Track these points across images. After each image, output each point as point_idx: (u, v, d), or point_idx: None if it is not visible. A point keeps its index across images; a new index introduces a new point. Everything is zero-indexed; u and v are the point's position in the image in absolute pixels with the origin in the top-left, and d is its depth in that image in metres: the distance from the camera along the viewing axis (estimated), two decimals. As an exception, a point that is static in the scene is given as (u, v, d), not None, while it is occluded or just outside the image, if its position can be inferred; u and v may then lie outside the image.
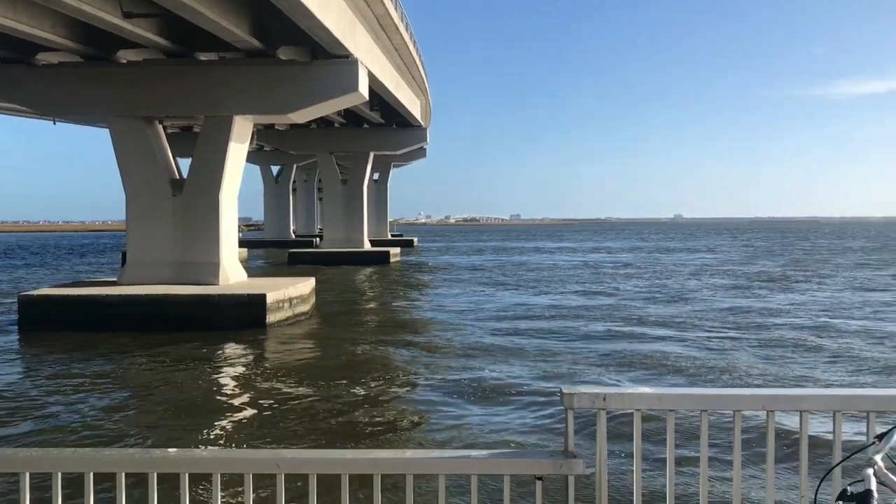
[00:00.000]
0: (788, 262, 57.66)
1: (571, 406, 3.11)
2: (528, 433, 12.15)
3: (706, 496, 3.19)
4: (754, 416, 3.43)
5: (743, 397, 3.19)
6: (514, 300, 31.99)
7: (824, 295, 33.42)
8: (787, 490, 4.85)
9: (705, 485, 3.18)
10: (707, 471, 3.18)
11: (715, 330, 23.22)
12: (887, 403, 3.04)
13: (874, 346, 20.10)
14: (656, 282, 40.95)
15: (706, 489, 3.19)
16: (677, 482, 3.36)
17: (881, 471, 2.39)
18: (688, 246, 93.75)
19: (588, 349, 19.86)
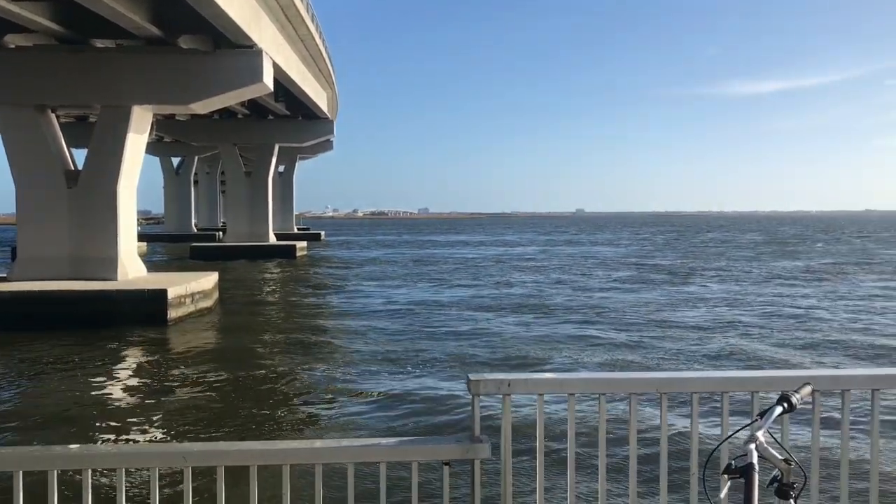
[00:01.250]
0: (687, 255, 60.05)
1: (477, 392, 3.21)
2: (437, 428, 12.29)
3: (604, 477, 3.34)
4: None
5: (638, 380, 3.36)
6: (424, 294, 32.14)
7: (720, 286, 34.97)
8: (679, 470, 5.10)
9: (603, 464, 3.33)
10: (605, 451, 3.33)
11: (622, 320, 24.01)
12: (769, 384, 3.26)
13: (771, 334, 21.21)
14: (563, 276, 41.91)
15: (604, 469, 3.34)
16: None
17: (762, 445, 2.55)
18: (591, 239, 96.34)
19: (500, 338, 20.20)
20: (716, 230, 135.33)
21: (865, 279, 38.11)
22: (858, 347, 19.02)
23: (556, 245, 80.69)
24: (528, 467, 3.39)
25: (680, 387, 3.34)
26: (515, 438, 3.25)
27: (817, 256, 57.96)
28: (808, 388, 2.84)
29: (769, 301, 28.85)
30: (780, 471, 2.57)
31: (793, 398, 2.72)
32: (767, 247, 72.83)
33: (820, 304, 27.76)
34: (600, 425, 3.31)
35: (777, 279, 38.33)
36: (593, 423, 3.49)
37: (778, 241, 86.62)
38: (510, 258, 57.79)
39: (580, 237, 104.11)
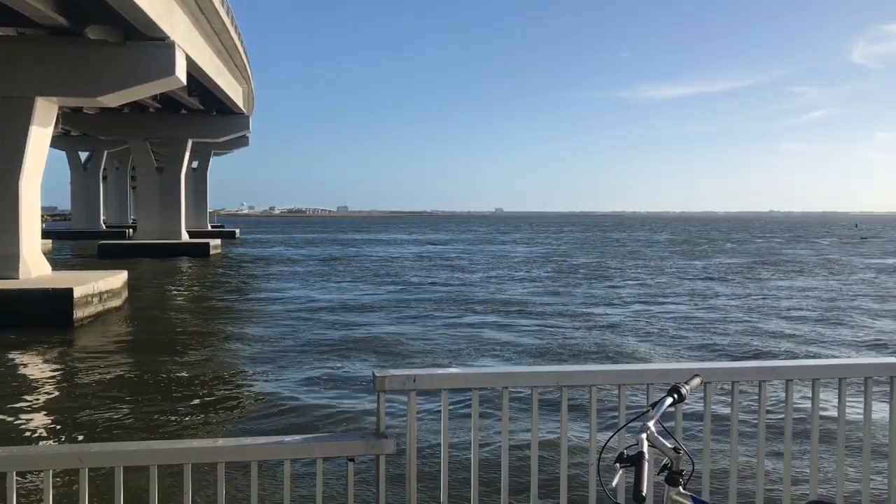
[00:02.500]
0: (605, 254, 61.49)
1: (383, 389, 3.24)
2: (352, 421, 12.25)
3: (507, 467, 3.41)
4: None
5: (539, 374, 3.45)
6: (345, 294, 31.90)
7: (638, 283, 35.95)
8: (580, 462, 5.24)
9: (506, 457, 3.41)
10: (507, 443, 3.40)
11: (547, 316, 24.43)
12: (662, 376, 3.39)
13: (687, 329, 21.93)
14: (487, 273, 42.30)
15: (507, 461, 3.41)
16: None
17: (652, 435, 2.66)
18: (512, 238, 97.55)
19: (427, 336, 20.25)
20: (630, 230, 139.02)
21: (772, 277, 39.84)
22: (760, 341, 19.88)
23: (478, 244, 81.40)
24: (439, 462, 3.41)
25: (579, 380, 3.44)
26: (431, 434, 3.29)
27: (727, 255, 60.25)
28: (697, 379, 2.97)
29: (682, 297, 29.82)
30: (670, 459, 2.68)
31: (682, 389, 2.84)
32: (680, 246, 75.24)
33: (729, 302, 28.85)
34: (503, 418, 3.38)
35: (689, 277, 39.66)
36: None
37: (690, 241, 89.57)
38: (433, 256, 57.99)
39: (501, 236, 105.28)
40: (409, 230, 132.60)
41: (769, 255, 60.98)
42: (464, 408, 3.46)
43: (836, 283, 36.17)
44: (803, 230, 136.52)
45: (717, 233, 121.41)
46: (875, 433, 3.69)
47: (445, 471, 3.37)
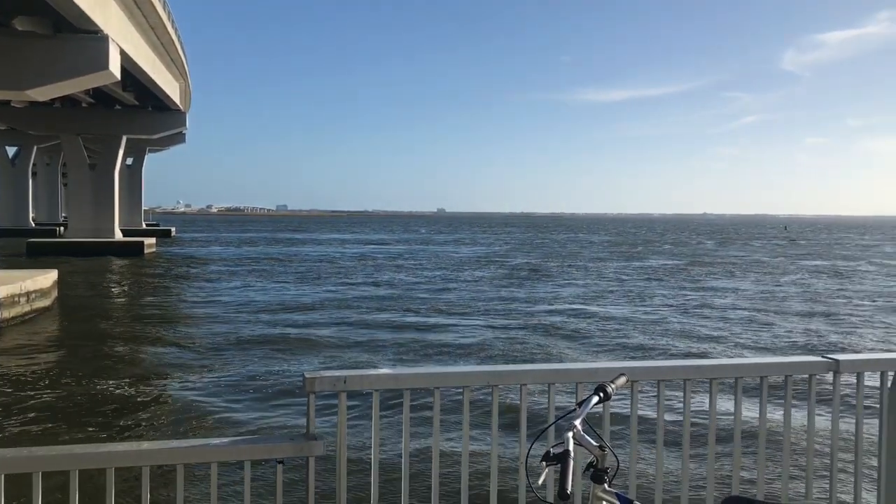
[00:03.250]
0: (546, 255, 62.14)
1: (313, 390, 3.20)
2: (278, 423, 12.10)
3: (437, 468, 3.41)
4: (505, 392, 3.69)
5: (470, 374, 3.46)
6: (286, 293, 31.51)
7: (579, 284, 36.42)
8: (511, 460, 5.29)
9: (437, 458, 3.41)
10: (439, 444, 3.41)
11: (489, 316, 24.57)
12: (591, 375, 3.44)
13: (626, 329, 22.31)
14: (430, 273, 42.30)
15: (437, 462, 3.41)
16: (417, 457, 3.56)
17: (579, 433, 2.68)
18: (454, 238, 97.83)
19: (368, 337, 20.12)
20: (570, 231, 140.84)
21: (706, 278, 40.83)
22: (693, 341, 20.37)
23: (421, 244, 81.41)
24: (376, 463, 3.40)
25: (509, 379, 3.46)
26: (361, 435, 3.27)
27: (664, 257, 61.52)
28: (622, 378, 3.01)
29: (621, 298, 30.34)
30: (595, 457, 2.71)
31: (608, 388, 2.87)
32: (619, 248, 76.51)
33: (665, 302, 29.46)
34: (434, 418, 3.38)
35: (628, 278, 40.38)
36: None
37: (628, 242, 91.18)
38: (375, 256, 57.75)
39: (443, 236, 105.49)
40: (350, 230, 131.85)
41: (704, 256, 62.48)
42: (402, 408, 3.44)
43: (767, 285, 37.25)
44: (735, 232, 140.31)
45: (653, 234, 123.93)
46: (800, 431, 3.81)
47: (376, 473, 3.35)
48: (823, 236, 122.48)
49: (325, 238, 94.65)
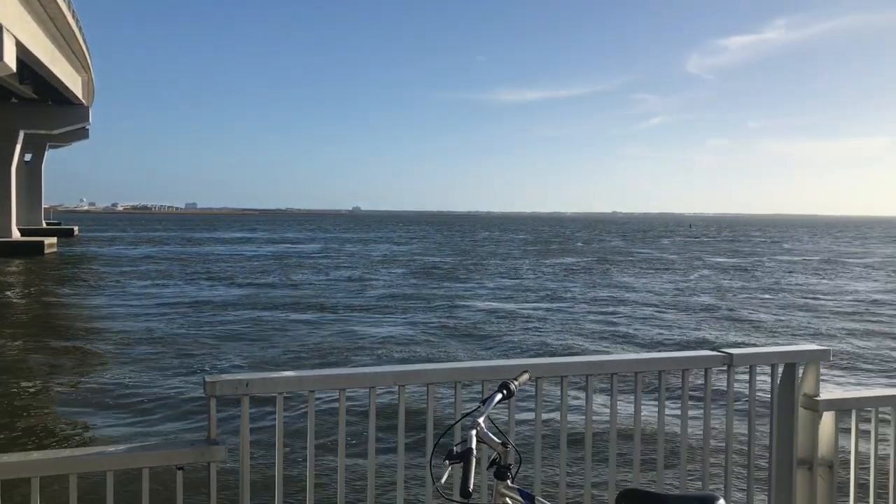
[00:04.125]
0: (463, 253, 62.58)
1: (213, 394, 3.12)
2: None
3: (343, 472, 3.38)
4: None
5: (377, 374, 3.43)
6: (197, 293, 30.69)
7: (497, 282, 36.79)
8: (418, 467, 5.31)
9: (342, 462, 3.38)
10: (344, 446, 3.38)
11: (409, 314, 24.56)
12: (496, 372, 3.47)
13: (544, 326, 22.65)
14: (347, 272, 41.94)
15: (343, 466, 3.38)
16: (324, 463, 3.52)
17: (482, 430, 2.71)
18: (370, 237, 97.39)
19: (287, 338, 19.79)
20: (486, 230, 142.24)
21: (620, 274, 41.93)
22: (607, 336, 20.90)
23: (337, 242, 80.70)
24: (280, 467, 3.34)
25: (416, 378, 3.45)
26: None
27: (578, 255, 62.85)
28: (525, 375, 3.05)
29: (539, 296, 30.83)
30: (498, 454, 2.74)
31: (511, 385, 2.91)
32: (534, 246, 77.71)
33: (580, 298, 30.11)
34: (340, 420, 3.35)
35: (545, 275, 41.06)
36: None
37: (543, 241, 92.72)
38: (290, 255, 56.90)
39: (360, 235, 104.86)
40: (264, 229, 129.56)
41: (617, 254, 64.17)
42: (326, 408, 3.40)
43: (675, 283, 38.53)
44: (644, 231, 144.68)
45: (567, 233, 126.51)
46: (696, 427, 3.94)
47: (280, 479, 3.30)
48: (726, 234, 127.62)
49: (238, 237, 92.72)
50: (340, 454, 3.37)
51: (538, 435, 3.64)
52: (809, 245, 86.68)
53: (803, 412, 4.00)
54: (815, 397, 3.98)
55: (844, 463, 4.13)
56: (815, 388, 4.01)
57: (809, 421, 4.01)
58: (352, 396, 3.46)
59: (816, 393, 4.00)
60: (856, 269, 49.16)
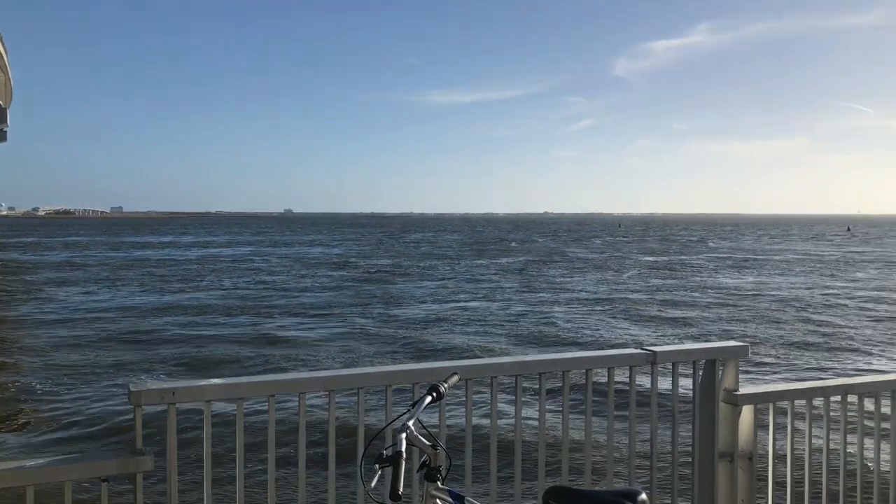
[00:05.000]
0: (399, 254, 62.52)
1: (139, 403, 3.06)
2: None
3: (274, 481, 3.35)
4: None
5: (307, 380, 3.41)
6: (127, 300, 29.85)
7: (434, 283, 36.82)
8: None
9: (272, 471, 3.35)
10: (274, 454, 3.36)
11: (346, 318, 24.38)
12: (429, 375, 3.49)
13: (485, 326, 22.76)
14: (282, 276, 41.39)
15: (273, 474, 3.35)
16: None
17: (412, 433, 2.73)
18: (304, 239, 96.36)
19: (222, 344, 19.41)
20: (421, 231, 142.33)
21: (556, 274, 42.49)
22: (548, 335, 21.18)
23: (270, 245, 79.58)
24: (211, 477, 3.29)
25: (346, 383, 3.45)
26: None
27: (514, 255, 63.45)
28: (455, 377, 3.09)
29: (476, 295, 31.01)
30: (428, 456, 2.78)
31: (441, 387, 2.94)
32: (470, 247, 78.07)
33: (517, 298, 30.39)
34: (269, 429, 3.32)
35: (482, 276, 41.31)
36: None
37: (478, 241, 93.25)
38: (223, 259, 55.86)
39: (293, 237, 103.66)
40: (193, 232, 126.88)
41: (552, 254, 65.08)
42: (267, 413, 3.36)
43: (608, 283, 39.28)
44: (576, 231, 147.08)
45: (500, 233, 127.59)
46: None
47: (209, 489, 3.25)
48: (655, 233, 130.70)
49: (166, 241, 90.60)
50: (270, 462, 3.34)
51: (469, 436, 3.69)
52: (734, 243, 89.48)
53: (724, 406, 4.15)
54: (734, 392, 4.14)
55: (766, 454, 4.31)
56: (735, 383, 4.17)
57: (730, 415, 4.16)
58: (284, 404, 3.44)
59: (736, 388, 4.16)
60: (780, 265, 50.97)
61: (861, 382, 4.56)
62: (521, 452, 3.78)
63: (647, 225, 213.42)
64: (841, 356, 18.30)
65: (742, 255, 63.97)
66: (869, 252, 68.73)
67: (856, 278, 40.58)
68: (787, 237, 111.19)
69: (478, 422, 3.86)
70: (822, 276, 42.24)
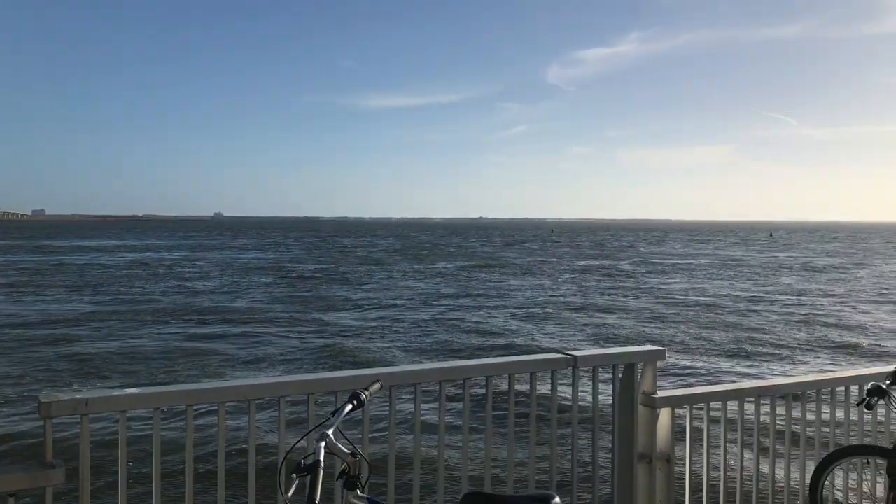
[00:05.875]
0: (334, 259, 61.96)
1: (49, 415, 2.97)
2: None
3: (192, 493, 3.30)
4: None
5: (225, 389, 3.36)
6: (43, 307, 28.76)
7: (370, 289, 36.61)
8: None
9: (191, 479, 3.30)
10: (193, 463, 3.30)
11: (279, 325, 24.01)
12: (351, 383, 3.47)
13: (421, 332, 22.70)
14: (215, 281, 40.53)
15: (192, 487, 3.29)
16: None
17: (331, 442, 2.72)
18: (237, 244, 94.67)
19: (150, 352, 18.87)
20: (356, 235, 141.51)
21: (492, 279, 42.77)
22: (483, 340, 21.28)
23: (201, 250, 77.94)
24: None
25: (267, 392, 3.41)
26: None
27: (451, 259, 63.62)
28: (377, 385, 3.09)
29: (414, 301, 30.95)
30: (347, 464, 2.77)
31: (362, 395, 2.93)
32: (407, 251, 77.93)
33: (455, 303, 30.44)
34: (187, 438, 3.27)
35: (418, 280, 41.28)
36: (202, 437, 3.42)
37: (414, 246, 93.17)
38: (152, 264, 54.43)
39: (224, 242, 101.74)
40: (121, 236, 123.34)
41: (488, 258, 65.52)
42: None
43: (545, 289, 39.73)
44: (511, 235, 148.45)
45: (436, 238, 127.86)
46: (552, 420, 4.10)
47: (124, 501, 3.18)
48: (587, 238, 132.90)
49: (92, 245, 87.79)
50: (188, 474, 3.28)
51: (392, 444, 3.69)
52: (663, 248, 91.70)
53: (642, 409, 4.25)
54: (652, 395, 4.24)
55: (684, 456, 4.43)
56: (653, 387, 4.28)
57: (648, 417, 4.27)
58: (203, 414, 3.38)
59: (654, 391, 4.27)
60: (707, 269, 52.43)
61: (774, 385, 4.74)
62: (443, 460, 3.80)
63: (579, 230, 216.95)
64: (760, 359, 18.91)
65: (671, 260, 65.59)
66: (789, 258, 71.30)
67: (777, 283, 42.05)
68: (713, 242, 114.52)
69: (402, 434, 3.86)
70: (746, 280, 43.63)
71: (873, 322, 25.75)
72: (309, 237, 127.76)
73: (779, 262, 63.01)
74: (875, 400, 4.09)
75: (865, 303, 31.63)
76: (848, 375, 4.90)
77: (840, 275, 48.26)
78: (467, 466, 3.84)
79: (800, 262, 61.95)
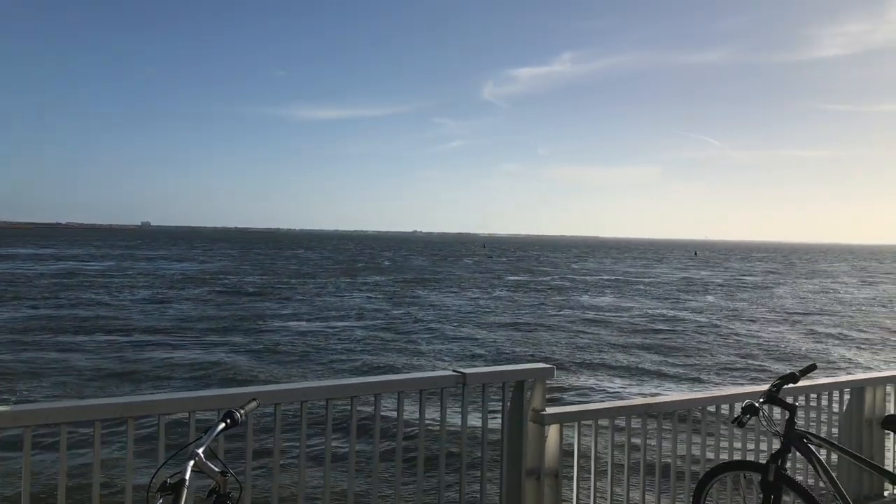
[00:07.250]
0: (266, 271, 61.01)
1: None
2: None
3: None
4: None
5: (102, 406, 3.28)
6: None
7: (304, 302, 36.14)
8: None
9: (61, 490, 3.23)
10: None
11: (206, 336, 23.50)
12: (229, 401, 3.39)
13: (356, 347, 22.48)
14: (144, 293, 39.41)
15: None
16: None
17: (201, 460, 2.71)
18: (166, 254, 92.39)
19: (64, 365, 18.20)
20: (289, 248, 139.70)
21: (428, 294, 42.74)
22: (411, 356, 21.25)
23: (128, 260, 75.78)
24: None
25: (146, 409, 3.35)
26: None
27: (386, 273, 63.38)
28: (253, 403, 3.08)
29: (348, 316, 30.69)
30: (217, 483, 2.76)
31: (236, 414, 2.92)
32: (340, 265, 77.19)
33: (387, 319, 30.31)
34: (61, 455, 3.20)
35: (353, 295, 40.95)
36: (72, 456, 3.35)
37: (348, 259, 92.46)
38: (77, 274, 52.56)
39: (153, 252, 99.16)
40: (41, 244, 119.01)
41: (423, 273, 65.56)
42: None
43: (479, 301, 39.94)
44: (444, 250, 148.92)
45: (370, 251, 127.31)
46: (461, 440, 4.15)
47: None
48: (520, 254, 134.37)
49: (11, 253, 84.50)
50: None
51: (276, 461, 3.68)
52: (593, 264, 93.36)
53: (532, 426, 4.33)
54: (541, 412, 4.33)
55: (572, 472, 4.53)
56: (542, 404, 4.36)
57: (537, 434, 4.35)
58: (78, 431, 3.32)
59: (543, 408, 4.36)
60: (638, 286, 53.57)
61: (661, 402, 4.88)
62: (329, 478, 3.80)
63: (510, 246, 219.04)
64: (657, 378, 19.22)
65: (605, 276, 66.81)
66: (711, 276, 73.41)
67: (698, 300, 43.25)
68: (640, 259, 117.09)
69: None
70: (666, 299, 44.71)
71: (775, 339, 26.72)
72: (241, 248, 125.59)
73: (701, 280, 64.83)
74: (747, 418, 4.26)
75: (772, 322, 32.69)
76: (731, 393, 5.08)
77: (756, 293, 49.93)
78: (353, 487, 3.85)
79: (721, 279, 63.90)
